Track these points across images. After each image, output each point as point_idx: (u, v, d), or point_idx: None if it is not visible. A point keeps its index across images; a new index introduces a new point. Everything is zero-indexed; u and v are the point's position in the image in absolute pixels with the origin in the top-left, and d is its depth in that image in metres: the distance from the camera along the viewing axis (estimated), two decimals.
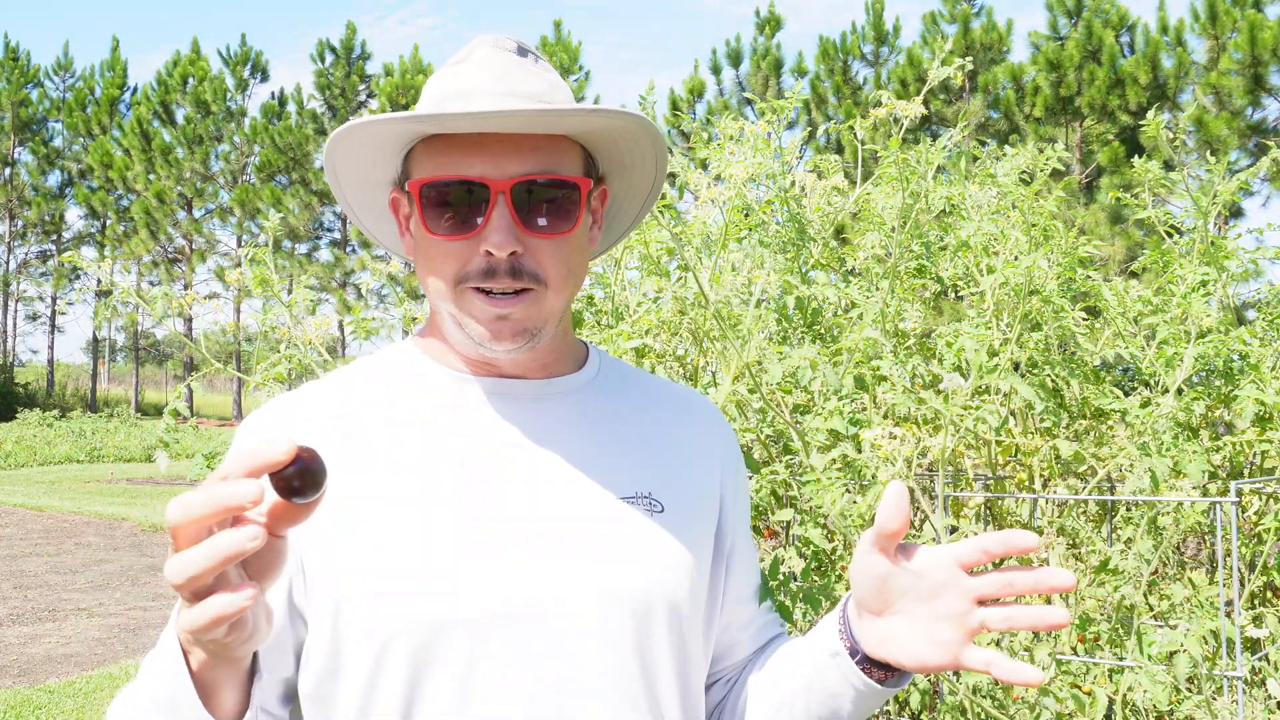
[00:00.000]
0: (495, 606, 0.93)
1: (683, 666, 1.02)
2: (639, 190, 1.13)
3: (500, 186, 0.95)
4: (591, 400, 1.08)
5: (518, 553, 0.96)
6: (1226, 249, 2.43)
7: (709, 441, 1.13)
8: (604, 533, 0.99)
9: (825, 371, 1.92)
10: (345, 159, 1.02)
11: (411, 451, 0.99)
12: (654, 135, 1.03)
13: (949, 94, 20.45)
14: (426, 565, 0.93)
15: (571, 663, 0.94)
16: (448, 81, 1.02)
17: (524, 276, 0.96)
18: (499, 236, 0.94)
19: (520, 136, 0.97)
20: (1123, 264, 15.67)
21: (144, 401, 38.73)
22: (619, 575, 0.98)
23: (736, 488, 1.15)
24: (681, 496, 1.06)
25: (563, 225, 0.98)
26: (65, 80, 38.70)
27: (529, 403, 1.04)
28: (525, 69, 1.03)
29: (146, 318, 34.08)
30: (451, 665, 0.92)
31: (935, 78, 2.40)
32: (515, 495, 0.98)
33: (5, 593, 7.95)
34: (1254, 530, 2.51)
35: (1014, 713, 1.79)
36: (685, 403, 1.16)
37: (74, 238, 38.06)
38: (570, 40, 31.21)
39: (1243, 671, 1.91)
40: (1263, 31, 16.24)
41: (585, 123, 0.99)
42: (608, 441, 1.05)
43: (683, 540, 1.03)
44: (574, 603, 0.95)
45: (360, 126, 0.96)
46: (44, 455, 20.51)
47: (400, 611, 0.92)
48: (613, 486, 1.02)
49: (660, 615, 0.99)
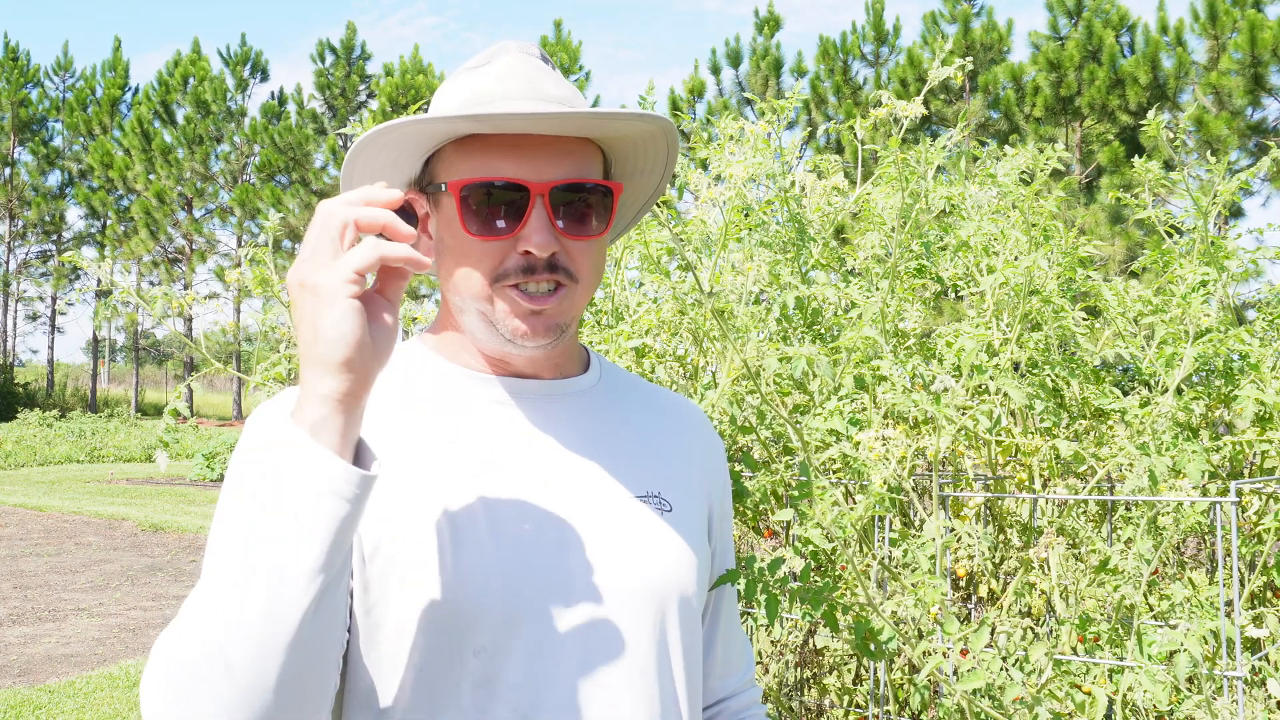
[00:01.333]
0: (517, 597, 0.95)
1: (690, 658, 1.06)
2: (642, 195, 1.16)
3: (539, 189, 0.97)
4: (600, 401, 1.11)
5: (546, 546, 0.98)
6: (1226, 249, 2.43)
7: (699, 447, 1.17)
8: (625, 528, 1.03)
9: (823, 369, 1.92)
10: (368, 159, 1.02)
11: (437, 446, 1.01)
12: (673, 143, 1.07)
13: (949, 94, 20.45)
14: (458, 557, 0.95)
15: (596, 653, 0.97)
16: (476, 84, 1.03)
17: (559, 272, 0.99)
18: (540, 238, 0.96)
19: (555, 140, 0.99)
20: (1123, 264, 15.67)
21: (144, 401, 38.73)
22: (642, 570, 1.01)
23: (723, 492, 1.19)
24: (683, 497, 1.09)
25: (596, 227, 1.01)
26: (65, 80, 38.70)
27: (545, 402, 1.06)
28: (551, 75, 1.05)
29: (146, 318, 34.06)
30: (482, 655, 0.94)
31: (935, 78, 2.40)
32: (538, 491, 1.00)
33: (5, 593, 7.95)
34: (1254, 530, 2.51)
35: (1013, 713, 1.79)
36: (676, 407, 1.19)
37: (74, 238, 38.04)
38: (570, 40, 31.21)
39: (1243, 671, 1.91)
40: (1263, 31, 16.24)
41: (607, 129, 1.02)
42: (618, 441, 1.08)
43: (689, 539, 1.07)
44: (600, 595, 0.98)
45: (400, 126, 0.96)
46: (44, 455, 20.51)
47: (425, 601, 0.93)
48: (628, 485, 1.05)
49: (674, 609, 1.03)
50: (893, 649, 1.86)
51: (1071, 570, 2.33)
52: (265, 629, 0.77)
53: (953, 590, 2.52)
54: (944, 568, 1.93)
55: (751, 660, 1.26)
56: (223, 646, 0.77)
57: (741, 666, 1.23)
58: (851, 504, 2.14)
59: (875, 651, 1.83)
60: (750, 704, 1.22)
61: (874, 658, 1.84)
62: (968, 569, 2.48)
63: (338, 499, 0.78)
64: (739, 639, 1.23)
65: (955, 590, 2.55)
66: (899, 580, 2.09)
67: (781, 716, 2.63)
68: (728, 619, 1.21)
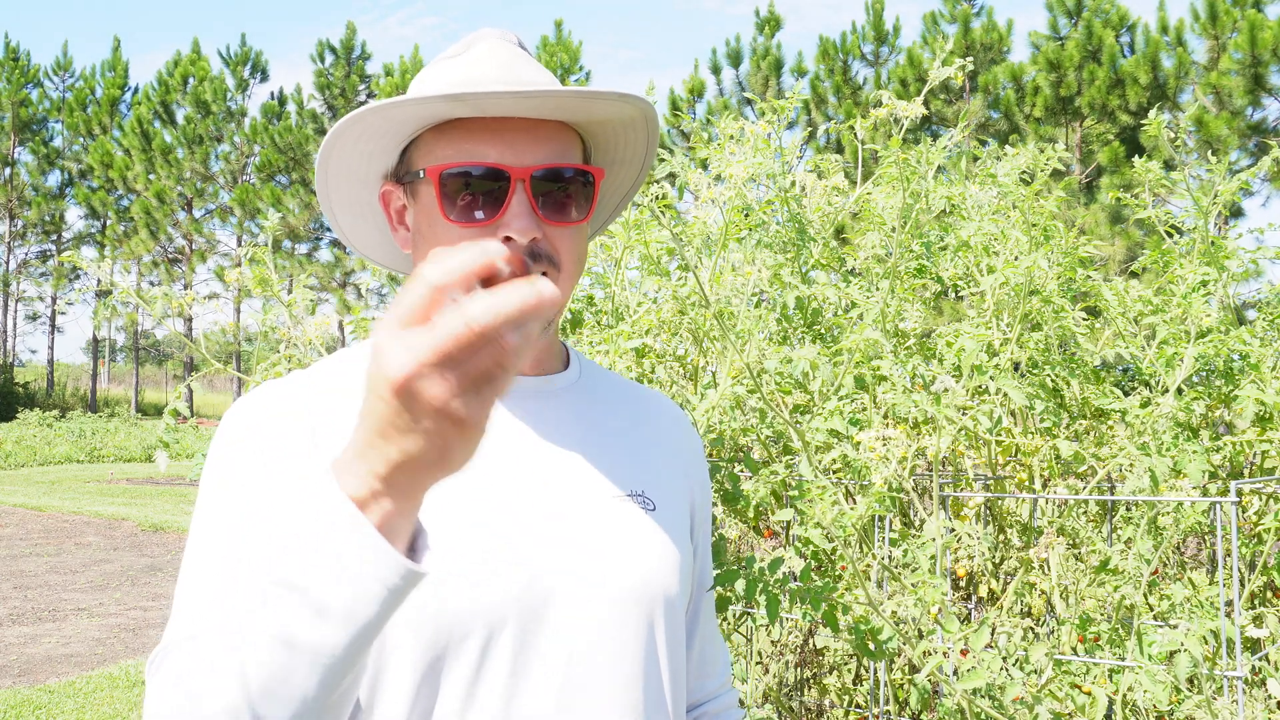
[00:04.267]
0: (498, 598, 0.94)
1: (674, 657, 1.05)
2: (621, 187, 1.15)
3: (520, 174, 0.95)
4: (582, 398, 1.10)
5: (531, 545, 0.97)
6: (1227, 249, 2.43)
7: (678, 444, 1.16)
8: (610, 527, 1.01)
9: (824, 369, 1.92)
10: (343, 151, 1.01)
11: None
12: (653, 128, 1.05)
13: (949, 94, 20.45)
14: (441, 557, 0.93)
15: (582, 653, 0.96)
16: (453, 71, 1.01)
17: (541, 260, 0.97)
18: (520, 223, 0.95)
19: (535, 125, 0.97)
20: (1123, 264, 15.67)
21: (144, 401, 38.73)
22: (626, 568, 1.00)
23: (703, 490, 1.18)
24: (666, 495, 1.09)
25: (578, 213, 1.00)
26: (65, 80, 38.69)
27: (528, 399, 1.05)
28: (529, 61, 1.04)
29: (146, 318, 34.07)
30: (468, 655, 0.93)
31: (935, 78, 2.40)
32: (523, 489, 0.99)
33: (5, 593, 7.95)
34: (1254, 530, 2.51)
35: (1013, 713, 1.79)
36: (656, 404, 1.18)
37: (74, 238, 38.03)
38: (570, 40, 31.20)
39: (1243, 671, 1.91)
40: (1263, 31, 16.24)
41: (590, 112, 1.00)
42: (601, 439, 1.07)
43: (673, 537, 1.06)
44: (586, 594, 0.97)
45: (380, 109, 0.94)
46: (44, 455, 20.51)
47: (418, 603, 0.92)
48: (612, 484, 1.04)
49: (659, 608, 1.02)
50: (893, 649, 1.86)
51: (1071, 570, 2.33)
52: (305, 695, 0.73)
53: (953, 590, 2.52)
54: (944, 568, 1.93)
55: (728, 662, 1.24)
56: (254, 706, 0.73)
57: (720, 668, 1.22)
58: (852, 504, 2.14)
59: (875, 651, 1.83)
60: (728, 707, 1.21)
61: (874, 658, 1.84)
62: (968, 569, 2.48)
63: (387, 591, 0.71)
64: (717, 640, 1.22)
65: (955, 590, 2.55)
66: (899, 580, 2.09)
67: (781, 716, 2.63)
68: (707, 618, 1.19)
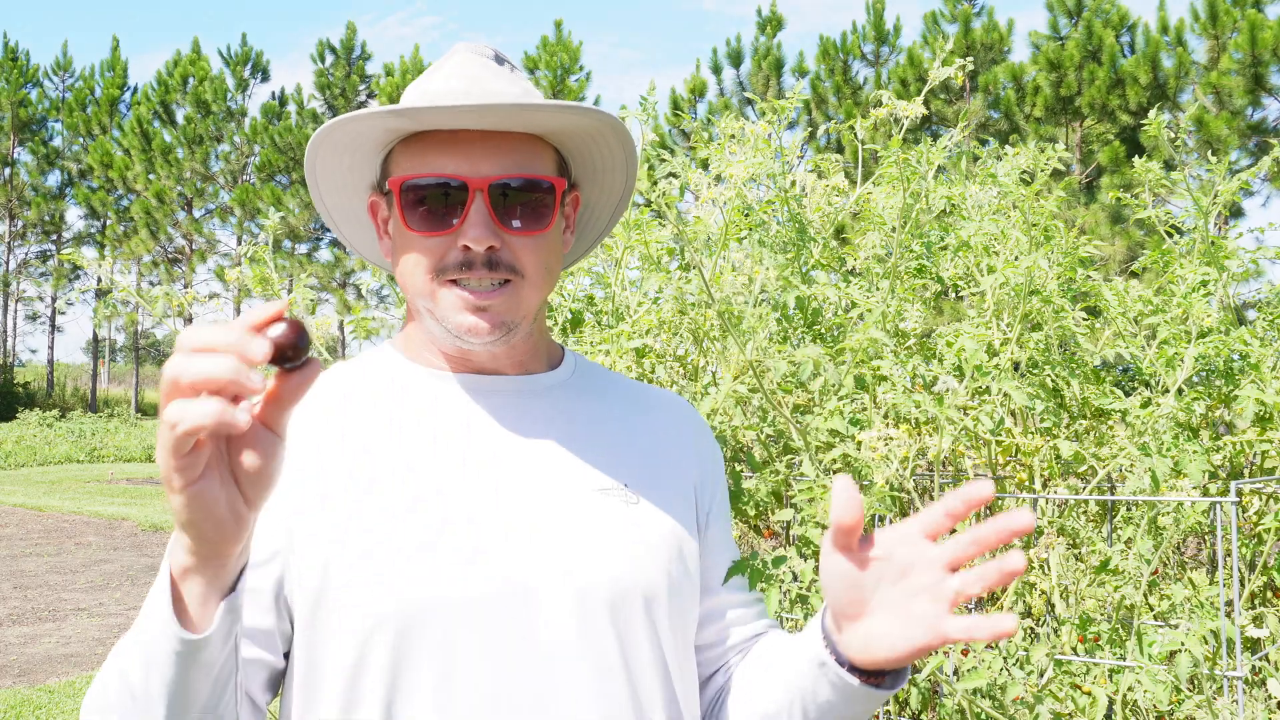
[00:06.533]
0: (471, 593, 0.95)
1: (663, 656, 1.03)
2: (610, 198, 1.15)
3: (478, 185, 0.98)
4: (567, 398, 1.10)
5: (493, 542, 0.97)
6: (1227, 249, 2.43)
7: (682, 435, 1.15)
8: (578, 523, 1.01)
9: (827, 370, 1.92)
10: (325, 163, 1.05)
11: (391, 447, 1.01)
12: (624, 137, 1.06)
13: (949, 94, 20.45)
14: (404, 554, 0.95)
15: (547, 651, 0.96)
16: (428, 85, 1.05)
17: (501, 268, 0.99)
18: (476, 231, 0.97)
19: (497, 136, 1.00)
20: (1123, 264, 15.67)
21: (144, 401, 38.71)
22: (593, 565, 1.00)
23: (715, 479, 1.17)
24: (657, 489, 1.08)
25: (538, 224, 1.01)
26: (65, 80, 38.67)
27: (505, 398, 1.06)
28: (501, 74, 1.06)
29: (147, 317, 34.08)
30: (429, 652, 0.93)
31: (936, 78, 2.40)
32: (490, 487, 1.00)
33: (5, 593, 7.95)
34: (1254, 530, 2.51)
35: (1014, 713, 1.79)
36: (658, 400, 1.18)
37: (74, 238, 38.01)
38: (570, 40, 31.20)
39: (1243, 671, 1.91)
40: (1263, 31, 16.24)
41: (558, 124, 1.01)
42: (582, 437, 1.07)
43: (659, 532, 1.05)
44: (548, 591, 0.97)
45: (338, 124, 0.99)
46: (44, 455, 20.52)
47: (378, 599, 0.94)
48: (587, 479, 1.04)
49: (637, 605, 1.01)
50: None
51: (1072, 570, 2.33)
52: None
53: None
54: None
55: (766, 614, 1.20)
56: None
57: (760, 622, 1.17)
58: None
59: None
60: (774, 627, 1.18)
61: None
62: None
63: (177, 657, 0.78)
64: (749, 602, 1.18)
65: None
66: None
67: None
68: (733, 589, 1.16)
